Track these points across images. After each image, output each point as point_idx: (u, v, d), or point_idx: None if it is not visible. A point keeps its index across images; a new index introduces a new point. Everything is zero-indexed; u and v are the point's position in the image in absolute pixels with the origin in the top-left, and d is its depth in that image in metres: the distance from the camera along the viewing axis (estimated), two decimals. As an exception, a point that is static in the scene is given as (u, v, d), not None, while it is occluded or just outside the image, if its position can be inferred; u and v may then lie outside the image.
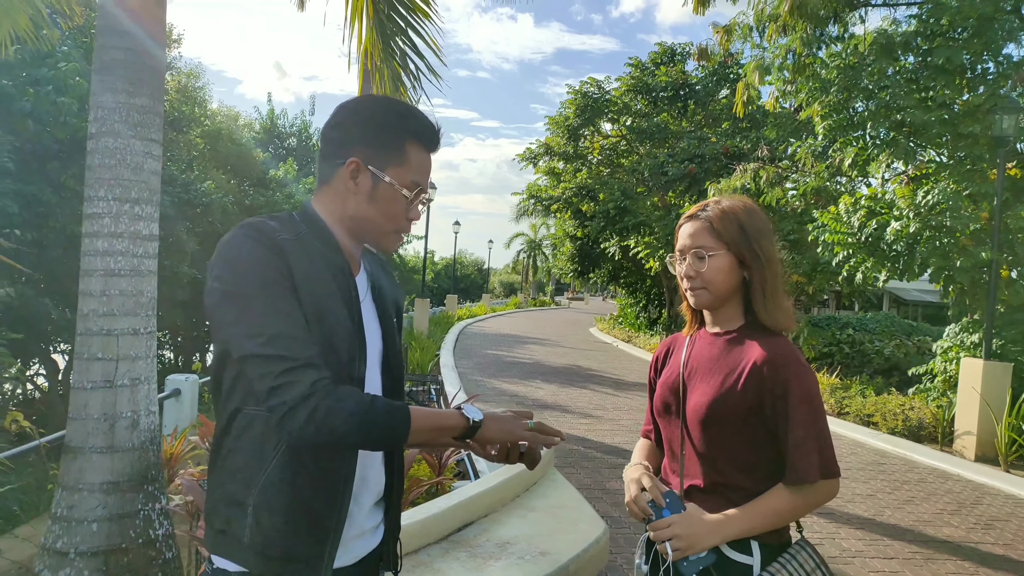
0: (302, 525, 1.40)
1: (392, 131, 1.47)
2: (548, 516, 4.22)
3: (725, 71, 21.94)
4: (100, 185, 3.62)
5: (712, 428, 1.67)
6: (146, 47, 3.72)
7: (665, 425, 1.83)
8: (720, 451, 1.68)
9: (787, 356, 1.64)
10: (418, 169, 1.49)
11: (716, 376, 1.70)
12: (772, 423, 1.64)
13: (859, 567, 4.68)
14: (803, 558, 1.64)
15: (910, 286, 25.91)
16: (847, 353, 14.31)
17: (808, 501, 1.63)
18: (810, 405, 1.61)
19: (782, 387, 1.61)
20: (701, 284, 1.72)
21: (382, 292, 1.61)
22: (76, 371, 3.66)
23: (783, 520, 1.64)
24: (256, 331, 1.30)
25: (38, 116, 9.86)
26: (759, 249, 1.70)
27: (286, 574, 1.41)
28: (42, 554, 3.53)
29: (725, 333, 1.76)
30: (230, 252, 1.36)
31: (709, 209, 1.74)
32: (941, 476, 7.43)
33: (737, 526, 1.61)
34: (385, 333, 1.58)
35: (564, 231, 28.49)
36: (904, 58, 10.33)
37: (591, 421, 9.30)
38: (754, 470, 1.67)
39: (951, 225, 8.65)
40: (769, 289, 1.71)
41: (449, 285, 47.28)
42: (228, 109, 22.60)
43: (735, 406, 1.64)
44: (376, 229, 1.49)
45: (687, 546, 1.59)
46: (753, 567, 1.62)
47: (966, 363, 8.61)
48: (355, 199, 1.46)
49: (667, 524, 1.62)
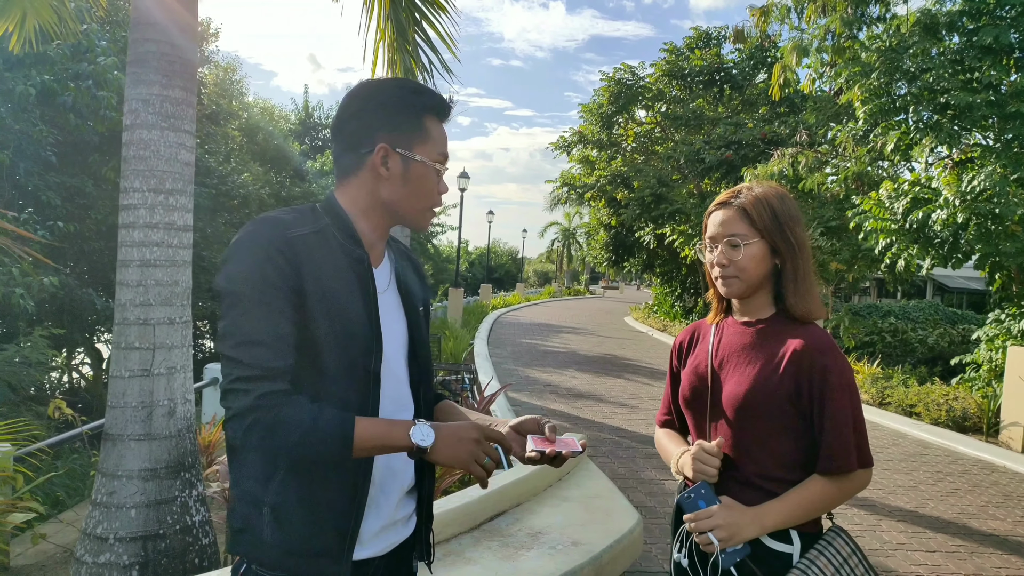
0: (321, 520, 1.40)
1: (411, 110, 1.47)
2: (581, 506, 4.19)
3: (762, 54, 21.52)
4: (135, 176, 3.67)
5: (749, 417, 1.65)
6: (179, 39, 3.75)
7: (694, 415, 1.80)
8: (756, 441, 1.66)
9: (826, 344, 1.64)
10: (440, 141, 1.51)
11: (752, 365, 1.67)
12: (808, 411, 1.62)
13: (901, 560, 4.58)
14: (839, 544, 1.63)
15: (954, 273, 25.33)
16: (888, 342, 14.01)
17: (844, 490, 1.62)
18: (849, 393, 1.61)
19: (821, 374, 1.60)
20: (734, 272, 1.69)
21: (407, 282, 1.60)
22: (114, 360, 3.73)
23: (820, 510, 1.63)
24: (232, 331, 1.34)
25: (79, 110, 10.07)
26: (792, 236, 1.68)
27: (309, 569, 1.41)
28: (83, 539, 3.61)
29: (757, 322, 1.74)
30: (237, 249, 1.38)
31: (742, 196, 1.71)
32: (986, 468, 7.24)
33: (776, 517, 1.60)
34: (411, 323, 1.57)
35: (598, 220, 28.30)
36: (949, 38, 10.02)
37: (626, 411, 9.24)
38: (789, 460, 1.65)
39: (1000, 212, 8.39)
40: (801, 277, 1.69)
41: (483, 274, 47.42)
42: (265, 102, 22.89)
43: (773, 394, 1.62)
44: (412, 209, 1.50)
45: (728, 536, 1.58)
46: (793, 556, 1.62)
47: (1013, 351, 8.36)
48: (388, 184, 1.46)
49: (708, 515, 1.60)
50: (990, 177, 8.51)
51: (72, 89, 9.74)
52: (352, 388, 1.41)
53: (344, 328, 1.39)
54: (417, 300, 1.61)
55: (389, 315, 1.51)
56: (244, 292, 1.34)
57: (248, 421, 1.29)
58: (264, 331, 1.32)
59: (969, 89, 9.26)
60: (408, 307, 1.57)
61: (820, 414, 1.60)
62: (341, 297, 1.40)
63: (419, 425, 1.35)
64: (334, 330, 1.38)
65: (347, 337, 1.39)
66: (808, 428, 1.63)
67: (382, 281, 1.53)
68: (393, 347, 1.50)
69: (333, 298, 1.38)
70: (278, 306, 1.33)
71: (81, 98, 9.82)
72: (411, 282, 1.62)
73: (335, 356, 1.38)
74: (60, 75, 9.79)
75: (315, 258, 1.39)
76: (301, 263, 1.36)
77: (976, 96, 9.05)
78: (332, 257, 1.41)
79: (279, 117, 23.68)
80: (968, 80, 9.49)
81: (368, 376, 1.42)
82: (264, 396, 1.29)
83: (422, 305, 1.63)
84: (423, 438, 1.34)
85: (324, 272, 1.39)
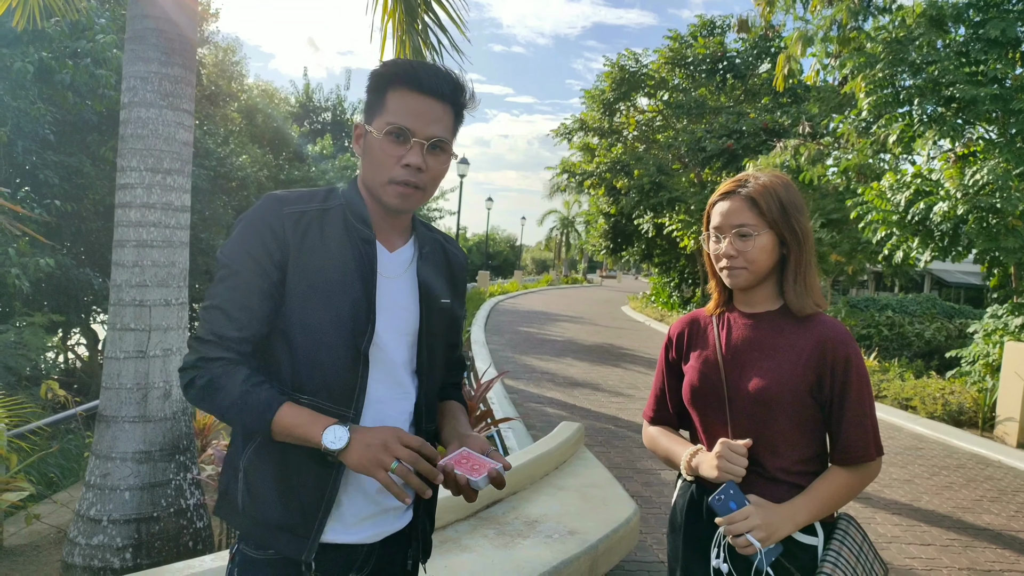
0: (290, 493, 1.41)
1: (377, 85, 1.46)
2: (578, 495, 4.18)
3: (766, 44, 21.42)
4: (132, 155, 3.62)
5: (772, 412, 1.62)
6: (178, 16, 3.69)
7: (705, 411, 1.74)
8: (780, 435, 1.63)
9: (846, 335, 1.65)
10: (396, 111, 1.41)
11: (771, 359, 1.64)
12: (828, 402, 1.62)
13: (896, 553, 4.58)
14: (853, 532, 1.66)
15: (953, 267, 25.29)
16: (886, 335, 14.02)
17: (864, 479, 1.65)
18: (867, 384, 1.62)
19: (843, 364, 1.61)
20: (743, 264, 1.65)
21: (433, 271, 1.57)
22: (109, 341, 3.69)
23: (844, 500, 1.64)
24: (208, 295, 1.42)
25: (77, 88, 9.97)
26: (798, 226, 1.65)
27: (274, 542, 1.41)
28: (76, 520, 3.59)
29: (766, 314, 1.70)
30: (237, 223, 1.44)
31: (749, 185, 1.67)
32: (981, 462, 7.25)
33: (807, 513, 1.60)
34: (424, 312, 1.53)
35: (597, 208, 28.25)
36: (955, 30, 9.94)
37: (623, 400, 9.24)
38: (809, 452, 1.66)
39: (1001, 206, 8.35)
40: (804, 267, 1.67)
41: (481, 261, 47.34)
42: (266, 84, 22.73)
43: (796, 386, 1.61)
44: (373, 183, 1.46)
45: (767, 536, 1.55)
46: (817, 547, 1.63)
47: (1010, 347, 8.36)
48: (361, 163, 1.49)
49: (744, 516, 1.55)
50: (993, 171, 8.48)
51: (70, 67, 9.64)
52: (335, 365, 1.40)
53: (331, 305, 1.40)
54: (439, 290, 1.57)
55: (395, 298, 1.49)
56: (226, 262, 1.40)
57: (188, 378, 1.38)
58: (230, 301, 1.38)
59: (974, 82, 9.20)
60: (425, 296, 1.54)
61: (840, 405, 1.61)
62: (332, 275, 1.41)
63: (335, 427, 1.30)
64: (317, 306, 1.40)
65: (334, 314, 1.40)
66: (824, 419, 1.65)
67: (395, 266, 1.51)
68: (392, 331, 1.48)
69: (321, 275, 1.40)
70: (251, 279, 1.38)
71: (80, 76, 9.73)
72: (437, 273, 1.58)
73: (315, 332, 1.39)
74: (58, 52, 9.69)
75: (309, 235, 1.41)
76: (290, 239, 1.40)
77: (981, 90, 8.99)
78: (334, 235, 1.43)
79: (279, 100, 23.52)
80: (973, 73, 9.42)
81: (357, 355, 1.42)
82: (204, 360, 1.37)
83: (448, 297, 1.59)
84: (333, 440, 1.29)
85: (316, 249, 1.41)
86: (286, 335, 1.40)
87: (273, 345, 1.42)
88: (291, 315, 1.40)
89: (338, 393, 1.41)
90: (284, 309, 1.40)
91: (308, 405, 1.37)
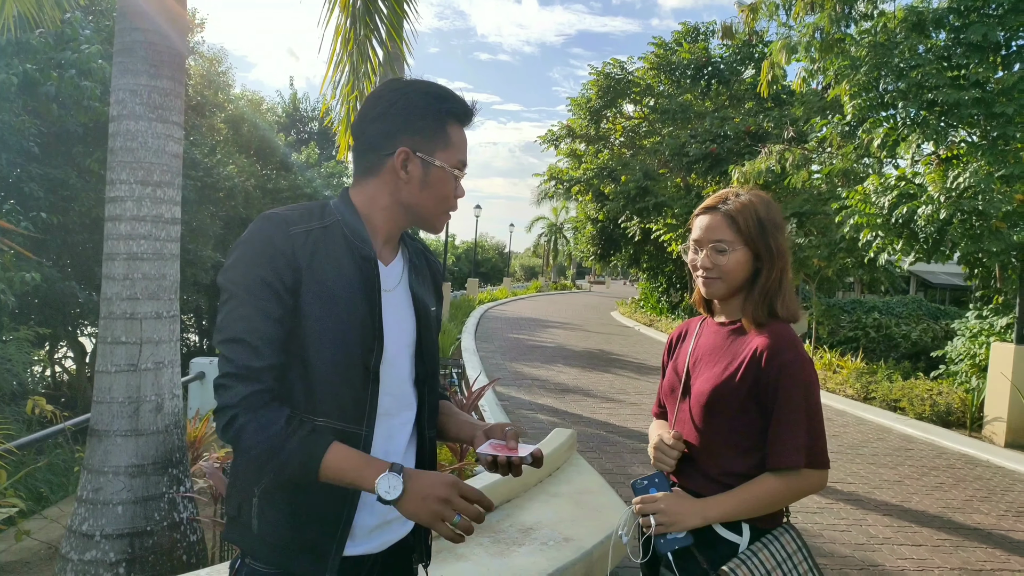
0: (308, 516, 1.40)
1: (434, 116, 1.48)
2: (571, 502, 4.19)
3: (749, 50, 21.59)
4: (122, 168, 3.61)
5: (712, 414, 1.72)
6: (167, 29, 3.69)
7: (670, 409, 1.89)
8: (720, 437, 1.73)
9: (786, 343, 1.67)
10: (460, 147, 1.52)
11: (719, 364, 1.75)
12: (768, 409, 1.67)
13: (887, 554, 4.61)
14: (785, 540, 1.68)
15: (938, 269, 25.48)
16: (873, 337, 14.11)
17: (793, 489, 1.65)
18: (804, 392, 1.64)
19: (777, 371, 1.65)
20: (717, 275, 1.76)
21: (420, 281, 1.60)
22: (100, 355, 3.67)
23: (766, 507, 1.67)
24: (221, 327, 1.37)
25: (62, 100, 9.91)
26: (774, 244, 1.75)
27: (292, 563, 1.41)
28: (68, 536, 3.56)
29: (731, 323, 1.81)
30: (238, 246, 1.40)
31: (729, 203, 1.77)
32: (970, 462, 7.31)
33: (719, 509, 1.66)
34: (420, 321, 1.56)
35: (585, 213, 28.33)
36: (936, 35, 10.05)
37: (613, 405, 9.25)
38: (750, 457, 1.70)
39: (984, 209, 8.44)
40: (774, 282, 1.75)
41: (470, 269, 47.31)
42: (251, 94, 22.64)
43: (734, 391, 1.68)
44: (429, 212, 1.52)
45: (669, 523, 1.65)
46: (740, 546, 1.66)
47: (996, 347, 8.44)
48: (407, 187, 1.48)
49: (653, 500, 1.69)
50: (975, 174, 8.57)
51: (55, 78, 9.58)
52: (347, 385, 1.40)
53: (341, 324, 1.39)
54: (428, 299, 1.60)
55: (396, 313, 1.50)
56: (236, 290, 1.36)
57: (227, 418, 1.33)
58: (248, 330, 1.34)
59: (956, 86, 9.30)
60: (418, 306, 1.57)
61: (772, 410, 1.66)
62: (341, 294, 1.39)
63: (388, 476, 1.29)
64: (330, 326, 1.38)
65: (344, 334, 1.39)
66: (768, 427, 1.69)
67: (391, 279, 1.52)
68: (397, 345, 1.50)
69: (331, 295, 1.39)
70: (266, 306, 1.34)
71: (65, 88, 9.66)
72: (424, 281, 1.61)
73: (330, 352, 1.38)
74: (43, 64, 9.62)
75: (317, 254, 1.39)
76: (300, 260, 1.37)
77: (963, 93, 9.09)
78: (337, 253, 1.41)
79: (266, 109, 23.47)
80: (956, 77, 9.53)
81: (367, 374, 1.42)
82: (246, 397, 1.32)
83: (435, 305, 1.63)
84: (388, 491, 1.28)
85: (326, 268, 1.39)
86: (300, 358, 1.38)
87: (286, 369, 1.39)
88: (305, 338, 1.37)
89: (351, 413, 1.41)
90: (298, 331, 1.37)
91: (322, 427, 1.37)
